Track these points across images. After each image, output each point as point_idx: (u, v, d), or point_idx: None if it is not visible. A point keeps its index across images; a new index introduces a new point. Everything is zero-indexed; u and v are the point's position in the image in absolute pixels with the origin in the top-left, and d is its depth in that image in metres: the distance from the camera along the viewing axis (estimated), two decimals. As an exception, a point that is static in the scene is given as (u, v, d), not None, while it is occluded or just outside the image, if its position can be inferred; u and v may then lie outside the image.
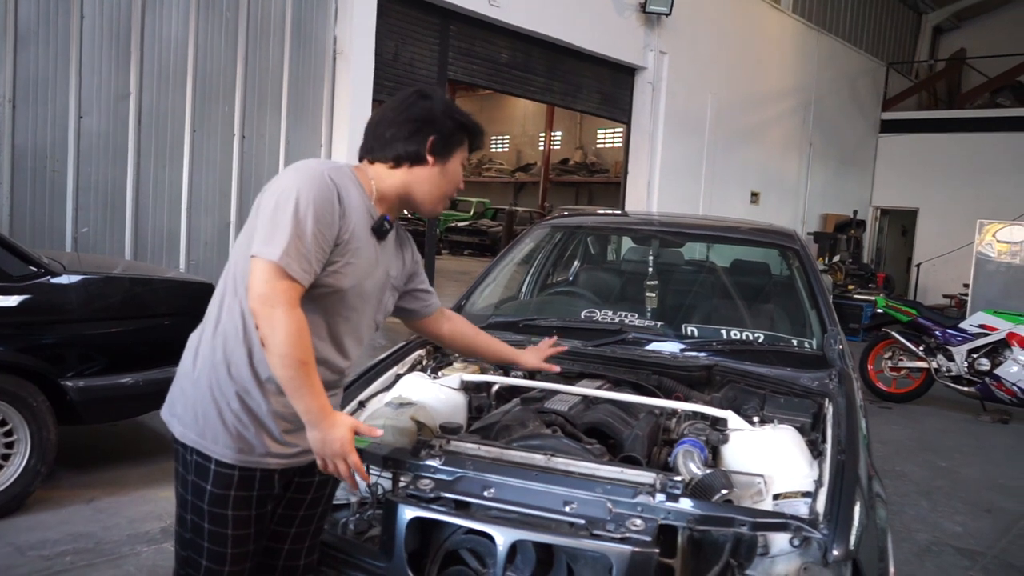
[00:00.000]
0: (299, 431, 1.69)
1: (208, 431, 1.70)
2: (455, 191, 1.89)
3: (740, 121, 12.83)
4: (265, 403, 1.70)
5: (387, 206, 1.83)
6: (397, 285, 1.97)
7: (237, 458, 1.69)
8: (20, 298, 3.57)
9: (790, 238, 3.67)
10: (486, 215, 22.58)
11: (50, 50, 5.58)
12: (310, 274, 1.62)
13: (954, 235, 13.71)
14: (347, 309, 1.76)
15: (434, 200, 1.86)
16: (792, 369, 2.78)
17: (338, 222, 1.66)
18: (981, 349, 7.10)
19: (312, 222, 1.61)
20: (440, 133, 1.80)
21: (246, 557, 1.75)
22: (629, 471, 2.03)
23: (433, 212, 1.88)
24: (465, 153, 1.88)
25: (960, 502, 4.83)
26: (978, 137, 16.01)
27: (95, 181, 5.89)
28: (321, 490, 1.88)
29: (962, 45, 19.10)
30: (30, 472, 3.57)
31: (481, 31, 8.91)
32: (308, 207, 1.61)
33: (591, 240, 4.92)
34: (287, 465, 1.76)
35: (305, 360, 1.58)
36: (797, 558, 1.91)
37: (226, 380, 1.70)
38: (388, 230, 1.82)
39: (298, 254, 1.59)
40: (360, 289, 1.76)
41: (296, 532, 1.85)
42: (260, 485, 1.72)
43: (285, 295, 1.58)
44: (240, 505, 1.71)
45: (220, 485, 1.69)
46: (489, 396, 2.69)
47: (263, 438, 1.70)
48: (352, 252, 1.71)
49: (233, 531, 1.71)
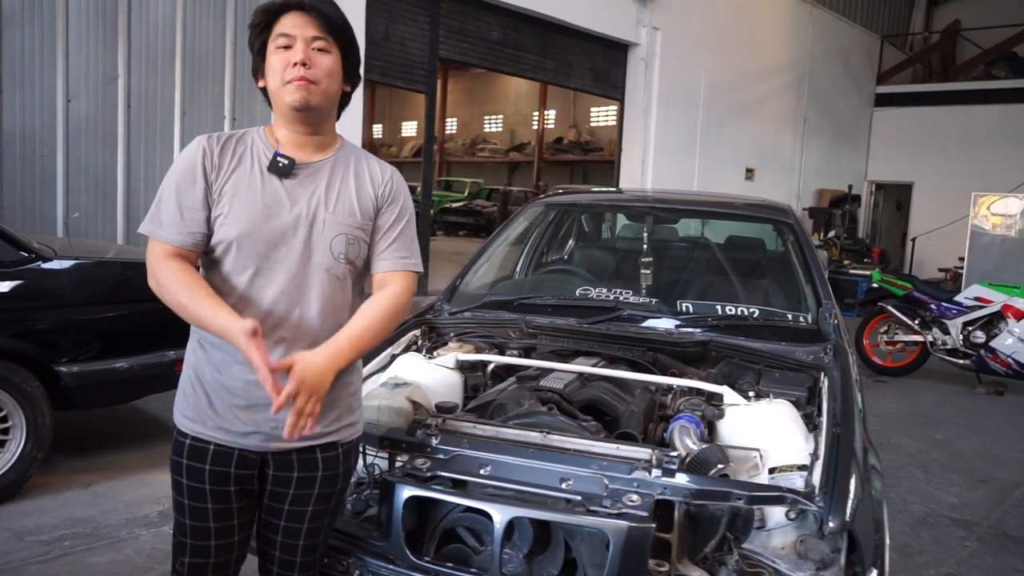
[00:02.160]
0: (248, 409, 1.66)
1: (179, 402, 1.75)
2: (283, 72, 1.64)
3: (734, 97, 12.77)
4: (210, 373, 1.69)
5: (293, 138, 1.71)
6: (350, 222, 1.72)
7: (190, 427, 1.71)
8: (11, 284, 3.55)
9: (785, 213, 3.66)
10: (480, 195, 22.52)
11: (36, 33, 5.51)
12: (178, 231, 1.64)
13: (949, 208, 13.70)
14: (256, 258, 1.65)
15: (274, 95, 1.69)
16: (787, 343, 2.78)
17: (204, 177, 1.66)
18: (976, 322, 7.12)
19: (169, 187, 1.67)
20: (249, 42, 1.73)
21: (207, 534, 1.71)
22: (625, 447, 2.03)
23: (287, 103, 1.65)
24: (273, 33, 1.67)
25: (956, 473, 4.86)
26: (973, 109, 15.97)
27: (85, 165, 5.85)
28: (305, 488, 1.74)
29: (957, 16, 18.98)
30: (26, 458, 3.56)
31: (472, 9, 8.84)
32: (169, 177, 1.68)
33: (585, 218, 4.90)
34: (239, 445, 1.68)
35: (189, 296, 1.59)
36: (793, 531, 1.92)
37: (189, 354, 1.75)
38: (288, 165, 1.68)
39: (157, 219, 1.65)
40: (258, 235, 1.64)
41: (286, 526, 1.76)
42: (213, 460, 1.69)
43: (154, 257, 1.64)
44: (193, 476, 1.70)
45: (176, 452, 1.72)
46: (485, 375, 2.69)
47: (212, 411, 1.68)
48: (231, 200, 1.65)
49: (188, 501, 1.71)
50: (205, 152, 1.67)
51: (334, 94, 1.73)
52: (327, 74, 1.68)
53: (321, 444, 1.75)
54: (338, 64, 1.71)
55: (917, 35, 19.21)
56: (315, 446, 1.74)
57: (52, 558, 3.11)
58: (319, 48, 1.67)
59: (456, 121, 27.45)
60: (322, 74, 1.67)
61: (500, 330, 2.96)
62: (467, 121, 27.30)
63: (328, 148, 1.76)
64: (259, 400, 1.64)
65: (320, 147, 1.75)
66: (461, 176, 24.58)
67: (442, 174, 24.61)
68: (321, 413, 1.65)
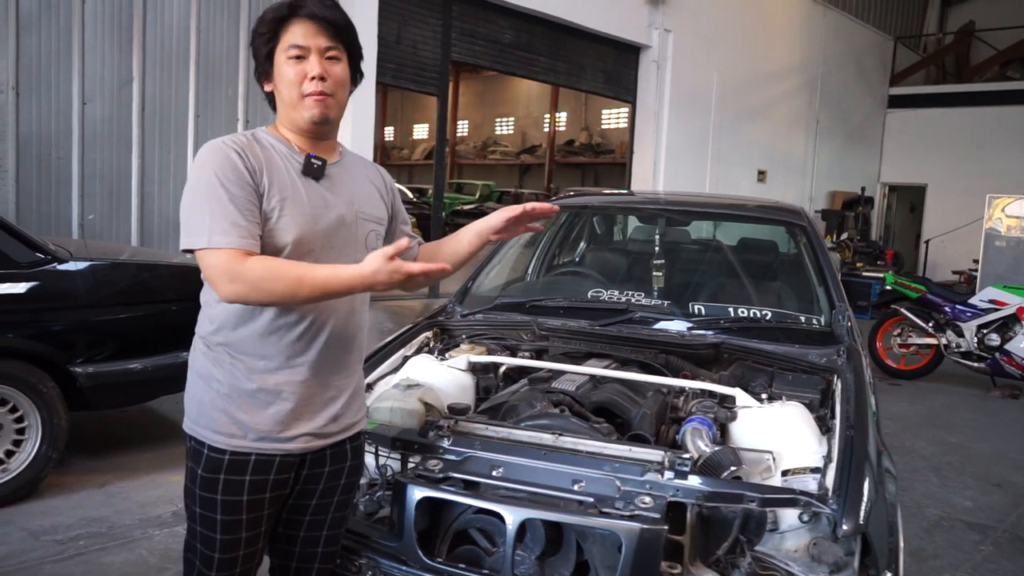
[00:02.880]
0: (294, 415, 1.66)
1: (205, 420, 1.68)
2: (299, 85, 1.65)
3: (746, 99, 12.73)
4: (248, 383, 1.65)
5: (302, 141, 1.71)
6: (376, 217, 1.80)
7: (228, 443, 1.65)
8: (28, 285, 3.58)
9: (797, 215, 3.64)
10: (491, 198, 22.50)
11: (52, 36, 5.56)
12: (243, 235, 1.55)
13: (963, 210, 13.60)
14: (309, 258, 1.63)
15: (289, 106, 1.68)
16: (800, 346, 2.77)
17: (250, 177, 1.59)
18: (991, 324, 7.07)
19: (221, 191, 1.56)
20: (253, 43, 1.71)
21: (237, 546, 1.69)
22: (637, 449, 2.03)
23: (305, 118, 1.67)
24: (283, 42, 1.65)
25: (970, 477, 4.83)
26: (987, 111, 15.86)
27: (100, 168, 5.90)
28: (334, 480, 1.79)
29: (971, 17, 18.86)
30: (42, 458, 3.59)
31: (484, 11, 8.85)
32: (212, 179, 1.56)
33: (597, 220, 4.90)
34: (283, 451, 1.67)
35: (295, 278, 1.51)
36: (806, 533, 1.91)
37: (212, 369, 1.68)
38: (321, 165, 1.69)
39: (219, 227, 1.54)
40: (312, 237, 1.65)
41: (311, 520, 1.79)
42: (254, 470, 1.66)
43: (231, 264, 1.52)
44: (230, 490, 1.66)
45: (210, 469, 1.65)
46: (496, 377, 2.70)
47: (253, 422, 1.65)
48: (281, 203, 1.62)
49: (222, 516, 1.66)
50: (239, 155, 1.61)
51: (346, 102, 1.75)
52: (341, 85, 1.70)
53: (351, 435, 1.80)
54: (347, 70, 1.72)
55: (931, 36, 19.08)
56: (345, 438, 1.78)
57: (67, 557, 3.13)
58: (331, 57, 1.67)
59: (467, 123, 27.47)
60: (338, 86, 1.68)
61: (512, 332, 2.96)
62: (478, 123, 27.33)
63: (335, 149, 1.79)
64: (311, 398, 1.69)
65: (330, 149, 1.77)
66: (472, 178, 24.58)
67: (453, 176, 24.63)
68: (351, 404, 1.79)
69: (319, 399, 1.71)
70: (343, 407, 1.76)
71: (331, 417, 1.73)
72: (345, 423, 1.77)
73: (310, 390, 1.68)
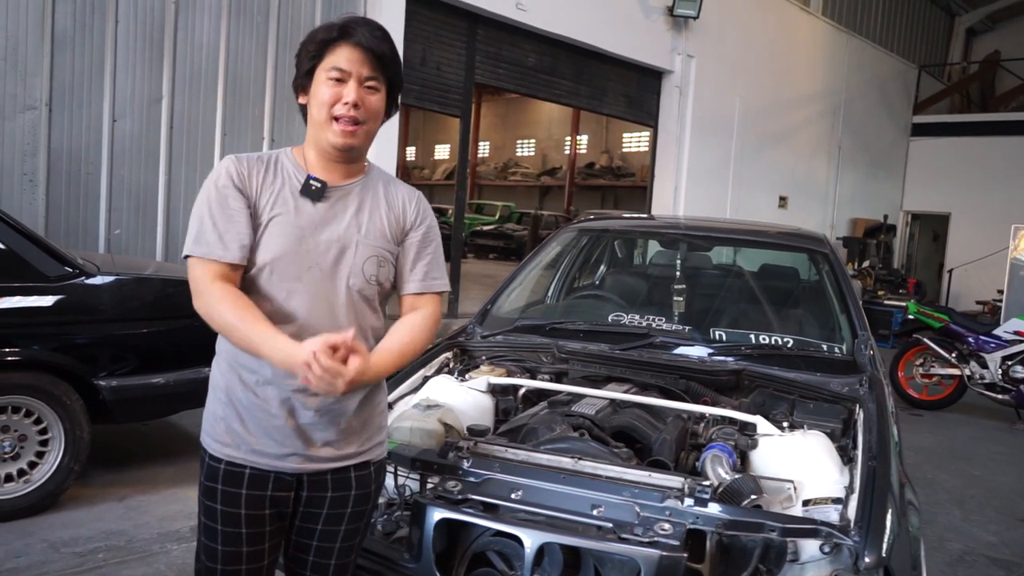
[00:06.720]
0: (283, 433, 1.67)
1: (208, 427, 1.73)
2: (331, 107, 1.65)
3: (768, 124, 12.73)
4: (245, 396, 1.68)
5: (323, 162, 1.72)
6: (381, 244, 1.75)
7: (224, 452, 1.68)
8: (55, 298, 3.64)
9: (819, 242, 3.63)
10: (511, 219, 22.60)
11: (86, 55, 5.68)
12: (224, 248, 1.60)
13: (987, 240, 13.47)
14: (290, 280, 1.65)
15: (317, 125, 1.69)
16: (822, 374, 2.76)
17: (241, 194, 1.64)
18: (1016, 356, 6.97)
19: (209, 206, 1.63)
20: (298, 55, 1.72)
21: (239, 559, 1.70)
22: (657, 475, 2.02)
23: (329, 141, 1.67)
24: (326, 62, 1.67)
25: (994, 511, 4.75)
26: (1012, 140, 15.73)
27: (128, 184, 5.99)
28: (338, 507, 1.76)
29: (996, 47, 18.81)
30: (64, 470, 3.63)
31: (508, 35, 8.94)
32: (206, 197, 1.64)
33: (618, 244, 4.91)
34: (276, 468, 1.68)
35: (241, 317, 1.55)
36: (827, 565, 1.89)
37: (218, 377, 1.73)
38: (320, 188, 1.69)
39: (203, 239, 1.61)
40: (294, 257, 1.65)
41: (318, 546, 1.78)
42: (250, 484, 1.68)
43: (203, 279, 1.60)
44: (228, 501, 1.68)
45: (209, 478, 1.70)
46: (516, 399, 2.70)
47: (248, 435, 1.67)
48: (270, 220, 1.65)
49: (222, 527, 1.68)
50: (238, 171, 1.66)
51: (375, 133, 1.75)
52: (374, 115, 1.71)
53: (355, 464, 1.76)
54: (383, 101, 1.73)
55: (955, 65, 19.02)
56: (349, 466, 1.75)
57: (86, 570, 3.15)
58: (370, 87, 1.68)
59: (488, 145, 27.64)
60: (370, 116, 1.70)
61: (532, 354, 2.97)
62: (499, 145, 27.49)
63: (357, 171, 1.78)
64: (298, 420, 1.68)
65: (350, 171, 1.76)
66: (492, 199, 24.69)
67: (473, 197, 24.76)
68: (354, 433, 1.75)
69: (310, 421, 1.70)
70: (340, 433, 1.72)
71: (325, 441, 1.70)
72: (347, 451, 1.73)
73: (299, 410, 1.68)
